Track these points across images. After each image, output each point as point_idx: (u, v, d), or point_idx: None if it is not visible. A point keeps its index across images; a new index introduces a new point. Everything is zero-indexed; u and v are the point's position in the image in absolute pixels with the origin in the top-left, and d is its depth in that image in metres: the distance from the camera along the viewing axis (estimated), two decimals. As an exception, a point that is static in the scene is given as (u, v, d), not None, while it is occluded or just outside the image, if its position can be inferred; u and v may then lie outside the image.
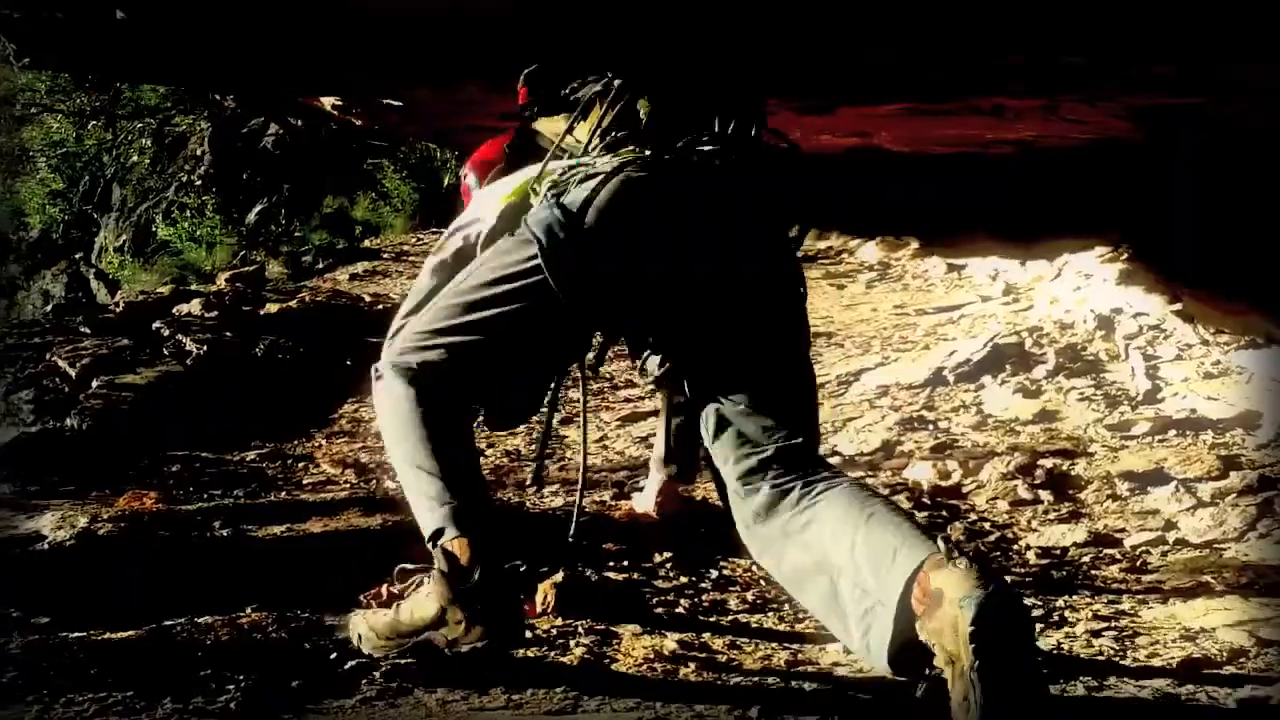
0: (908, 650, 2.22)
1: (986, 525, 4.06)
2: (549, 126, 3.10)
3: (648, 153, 2.78)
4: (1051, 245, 8.23)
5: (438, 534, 2.51)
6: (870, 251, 10.80)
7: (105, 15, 6.06)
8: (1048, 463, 4.55)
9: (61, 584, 3.14)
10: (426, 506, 2.56)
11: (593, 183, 2.72)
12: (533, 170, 2.93)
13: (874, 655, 2.30)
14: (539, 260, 2.66)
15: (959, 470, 4.55)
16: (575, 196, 2.72)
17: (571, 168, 2.82)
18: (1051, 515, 4.13)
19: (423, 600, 2.51)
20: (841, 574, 2.37)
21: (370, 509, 3.71)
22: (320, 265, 11.98)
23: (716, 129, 2.84)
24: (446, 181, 15.59)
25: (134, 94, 17.53)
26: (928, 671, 2.21)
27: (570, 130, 2.95)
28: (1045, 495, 4.28)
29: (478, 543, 2.48)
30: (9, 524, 3.70)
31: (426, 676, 2.46)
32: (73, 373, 6.35)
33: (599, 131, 2.88)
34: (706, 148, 2.80)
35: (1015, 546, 3.82)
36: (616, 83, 2.93)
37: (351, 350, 7.09)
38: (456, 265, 2.95)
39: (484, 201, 3.07)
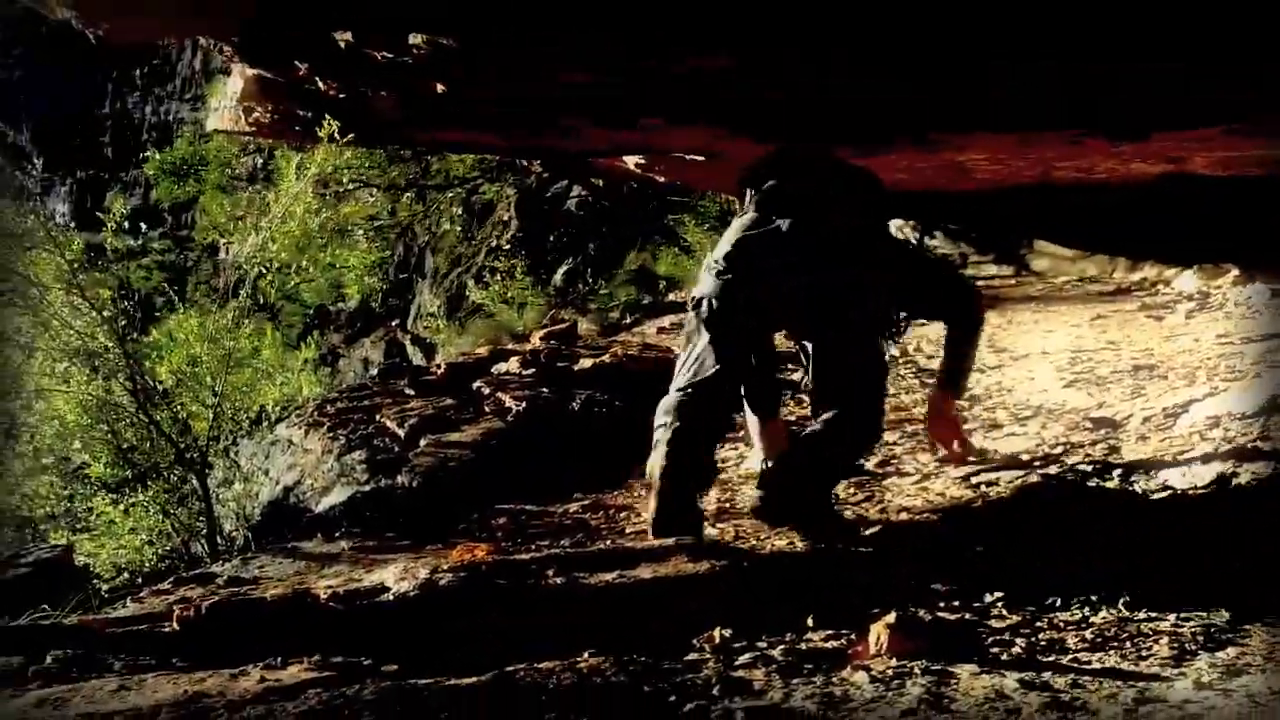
0: None
1: (1341, 560, 3.85)
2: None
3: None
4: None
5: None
6: (1188, 281, 10.39)
7: (426, 90, 6.30)
8: (1404, 494, 4.29)
9: (407, 633, 3.26)
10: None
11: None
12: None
13: None
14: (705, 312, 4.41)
15: (1306, 502, 4.33)
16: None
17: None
18: None
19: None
20: None
21: (697, 556, 3.74)
22: (628, 320, 12.16)
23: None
24: (746, 233, 15.60)
25: (443, 165, 18.16)
26: None
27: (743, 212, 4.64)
28: (1405, 528, 4.04)
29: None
30: (352, 577, 3.86)
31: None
32: (401, 433, 6.62)
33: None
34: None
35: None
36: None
37: (664, 401, 7.18)
38: (690, 329, 4.60)
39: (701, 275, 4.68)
